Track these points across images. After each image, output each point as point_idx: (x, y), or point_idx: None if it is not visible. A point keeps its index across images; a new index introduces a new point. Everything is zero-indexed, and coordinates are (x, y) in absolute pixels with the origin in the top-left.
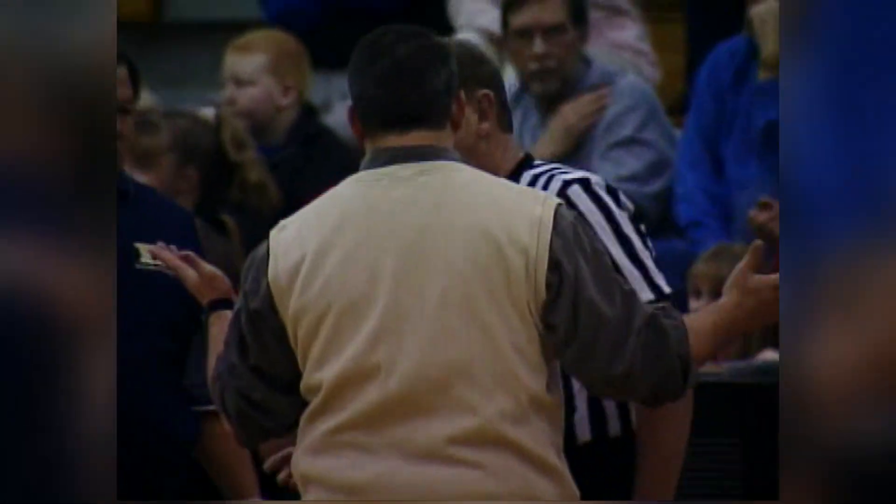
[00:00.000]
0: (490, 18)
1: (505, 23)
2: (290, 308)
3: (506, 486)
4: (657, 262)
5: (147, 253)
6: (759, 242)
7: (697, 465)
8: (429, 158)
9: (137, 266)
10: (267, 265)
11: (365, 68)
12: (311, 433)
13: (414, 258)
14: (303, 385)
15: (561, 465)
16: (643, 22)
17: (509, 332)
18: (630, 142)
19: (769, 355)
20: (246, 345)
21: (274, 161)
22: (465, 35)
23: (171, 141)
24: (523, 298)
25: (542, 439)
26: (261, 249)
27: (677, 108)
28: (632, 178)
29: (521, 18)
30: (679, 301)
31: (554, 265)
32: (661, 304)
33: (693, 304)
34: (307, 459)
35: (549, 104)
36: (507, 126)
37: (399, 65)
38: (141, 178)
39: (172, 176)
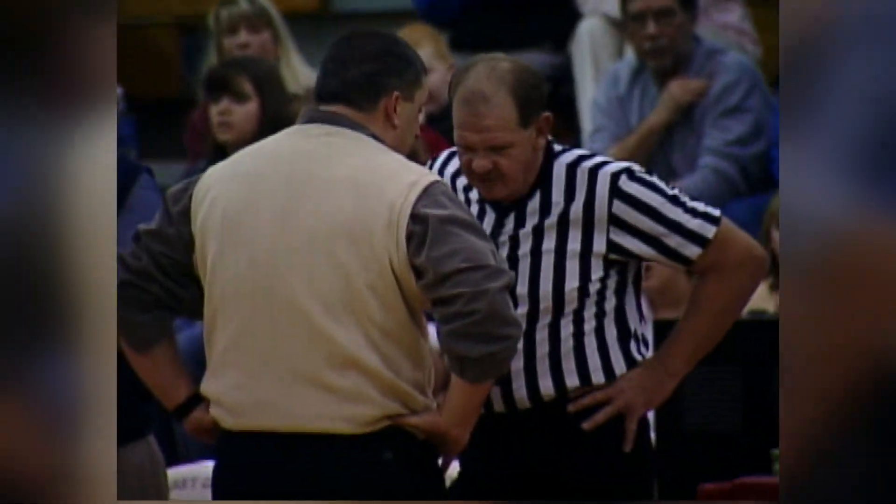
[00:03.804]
0: (612, 4)
1: (623, 8)
2: (197, 222)
3: (360, 408)
4: (757, 213)
5: None
6: None
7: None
8: (340, 125)
9: None
10: (198, 182)
11: (332, 49)
12: (208, 354)
13: (296, 201)
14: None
15: (414, 392)
16: (745, 5)
17: (365, 273)
18: (735, 110)
19: None
20: (158, 230)
21: (439, 132)
22: (591, 20)
23: None
24: (383, 247)
25: (394, 367)
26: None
27: (775, 81)
28: (737, 142)
29: (636, 4)
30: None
31: (418, 218)
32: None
33: (777, 235)
34: (206, 380)
35: (664, 78)
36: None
37: (333, 56)
38: None
39: None
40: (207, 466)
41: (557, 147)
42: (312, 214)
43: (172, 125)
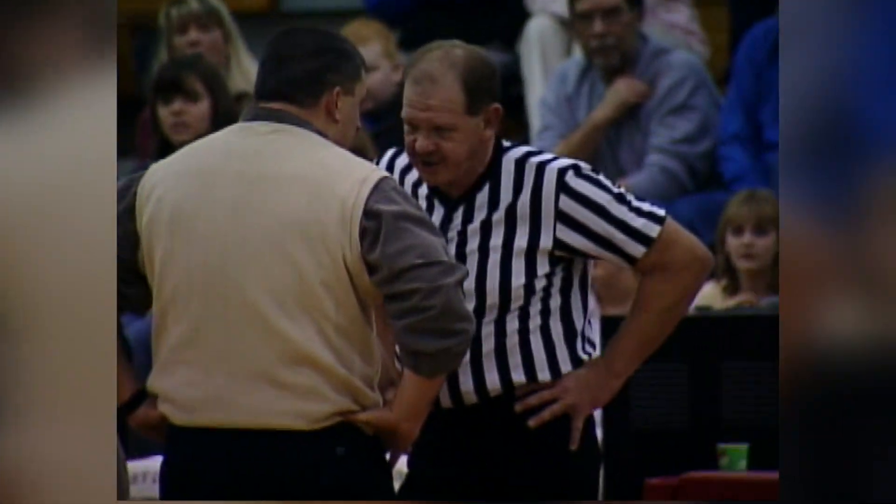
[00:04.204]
0: (561, 4)
1: (571, 6)
2: (143, 220)
3: (313, 404)
4: (704, 210)
5: None
6: None
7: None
8: (285, 122)
9: None
10: (141, 178)
11: (267, 48)
12: (156, 351)
13: (246, 200)
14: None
15: (365, 389)
16: (693, 5)
17: (319, 270)
18: (682, 108)
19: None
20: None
21: (378, 130)
22: (539, 19)
23: None
24: (337, 243)
25: (347, 364)
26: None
27: (722, 80)
28: (684, 140)
29: (583, 3)
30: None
31: (371, 214)
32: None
33: (733, 241)
34: (154, 377)
35: (611, 76)
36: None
37: (272, 53)
38: None
39: None
40: (158, 461)
41: (506, 143)
42: (265, 212)
43: (124, 123)
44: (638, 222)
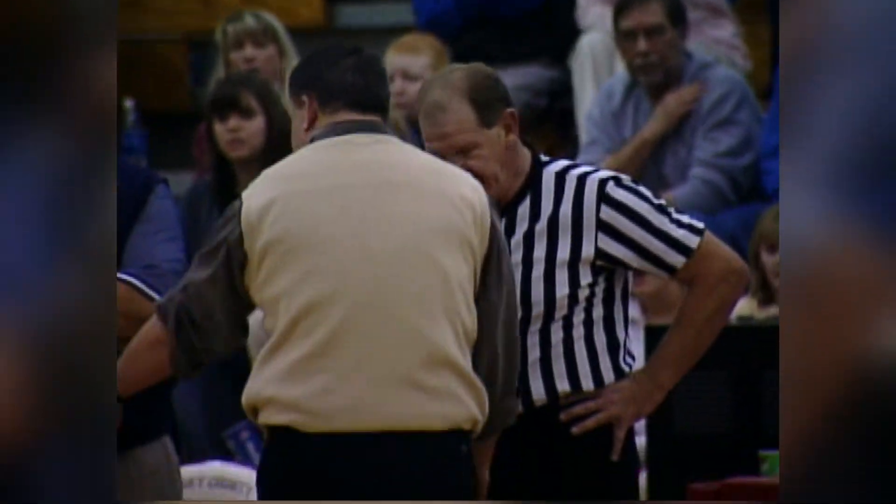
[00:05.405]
0: (610, 22)
1: (615, 25)
2: (258, 243)
3: (450, 406)
4: (746, 223)
5: None
6: None
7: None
8: (378, 132)
9: None
10: (241, 210)
11: (339, 60)
12: (276, 362)
13: (375, 208)
14: (266, 319)
15: (484, 393)
16: (737, 21)
17: (458, 273)
18: (725, 122)
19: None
20: (210, 269)
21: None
22: (591, 35)
23: None
24: (469, 245)
25: (469, 365)
26: (236, 202)
27: (764, 94)
28: (727, 154)
29: (626, 21)
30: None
31: (491, 222)
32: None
33: (769, 259)
34: (275, 385)
35: (656, 92)
36: (519, 133)
37: (371, 61)
38: None
39: None
40: (213, 466)
41: (545, 158)
42: (403, 218)
43: (182, 137)
44: (678, 233)
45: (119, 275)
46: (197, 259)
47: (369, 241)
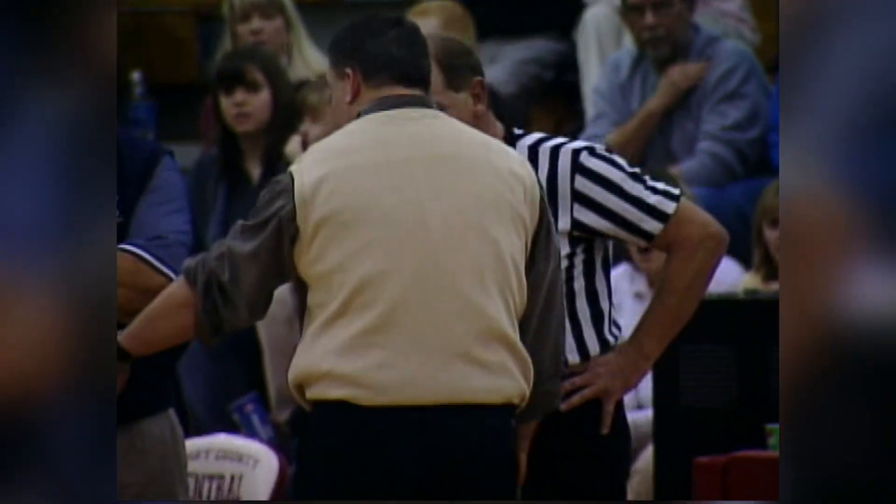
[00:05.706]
0: None
1: None
2: (311, 217)
3: (504, 381)
4: (754, 196)
5: None
6: None
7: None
8: (426, 107)
9: None
10: (293, 183)
11: (383, 31)
12: (332, 336)
13: (430, 181)
14: (314, 294)
15: (531, 368)
16: None
17: (510, 246)
18: (733, 96)
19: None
20: (255, 243)
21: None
22: (596, 8)
23: None
24: (520, 219)
25: (518, 338)
26: (285, 175)
27: (772, 67)
28: (734, 127)
29: None
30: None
31: (540, 197)
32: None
33: (771, 234)
34: (332, 359)
35: (664, 66)
36: (490, 105)
37: (414, 33)
38: (314, 129)
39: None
40: (220, 438)
41: (518, 131)
42: (459, 192)
43: (190, 109)
44: (653, 199)
45: (126, 246)
46: (240, 230)
47: (424, 216)
